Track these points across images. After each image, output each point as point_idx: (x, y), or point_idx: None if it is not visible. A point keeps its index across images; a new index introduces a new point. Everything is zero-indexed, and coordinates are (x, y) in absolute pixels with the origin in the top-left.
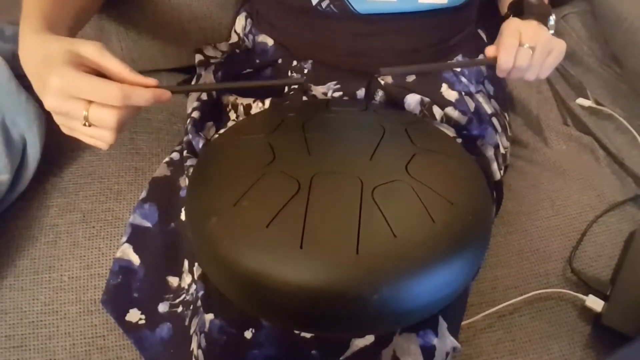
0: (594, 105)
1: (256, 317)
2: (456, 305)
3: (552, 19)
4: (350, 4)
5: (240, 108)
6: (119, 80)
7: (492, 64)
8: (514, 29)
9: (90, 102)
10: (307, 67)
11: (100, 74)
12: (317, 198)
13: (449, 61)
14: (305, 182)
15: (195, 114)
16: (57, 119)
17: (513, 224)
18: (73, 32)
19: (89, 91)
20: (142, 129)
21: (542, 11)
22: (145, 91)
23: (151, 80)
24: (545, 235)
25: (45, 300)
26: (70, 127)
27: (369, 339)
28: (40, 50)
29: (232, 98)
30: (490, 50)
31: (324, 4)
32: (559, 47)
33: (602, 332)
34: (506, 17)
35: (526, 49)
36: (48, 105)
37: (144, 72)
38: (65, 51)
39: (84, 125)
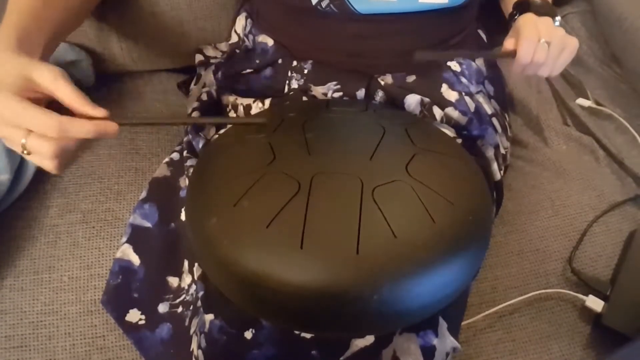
0: (594, 105)
1: (256, 317)
2: (456, 306)
3: (558, 19)
4: (350, 3)
5: (240, 108)
6: (70, 109)
7: (511, 56)
8: (532, 23)
9: (30, 131)
10: (307, 67)
11: (55, 100)
12: (317, 198)
13: (471, 51)
14: (305, 182)
15: (196, 114)
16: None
17: (513, 224)
18: (48, 48)
19: (27, 121)
20: (142, 129)
21: (549, 11)
22: (85, 124)
23: (100, 112)
24: (545, 235)
25: (45, 301)
26: (14, 149)
27: (369, 339)
28: None
29: (232, 98)
30: (509, 43)
31: (324, 4)
32: (573, 44)
33: (602, 332)
34: (511, 16)
35: (543, 44)
36: None
37: (144, 72)
38: (18, 76)
39: (23, 152)
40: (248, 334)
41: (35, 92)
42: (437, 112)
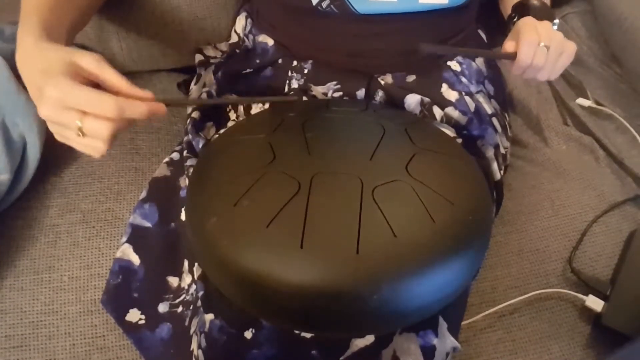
0: (594, 105)
1: (256, 317)
2: (456, 305)
3: (557, 22)
4: (350, 4)
5: (240, 108)
6: (116, 93)
7: (511, 58)
8: (532, 26)
9: (85, 113)
10: (307, 67)
11: (97, 85)
12: (317, 198)
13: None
14: (305, 182)
15: (195, 114)
16: (52, 127)
17: (513, 224)
18: (70, 37)
19: (84, 102)
20: (142, 129)
21: (547, 15)
22: (140, 104)
23: (147, 93)
24: (545, 235)
25: (45, 301)
26: (64, 135)
27: (369, 339)
28: (39, 59)
29: (232, 98)
30: (509, 46)
31: (324, 4)
32: (571, 48)
33: (602, 332)
34: (510, 18)
35: (542, 47)
36: (43, 114)
37: (144, 72)
38: (63, 61)
39: (78, 135)
40: (248, 334)
41: (81, 77)
42: (437, 112)
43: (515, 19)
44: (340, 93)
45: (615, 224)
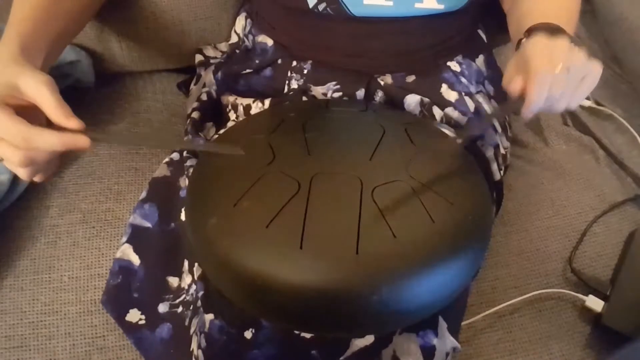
0: (594, 105)
1: (256, 317)
2: (456, 306)
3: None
4: (346, 7)
5: (240, 108)
6: (50, 119)
7: (520, 105)
8: (544, 50)
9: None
10: (307, 67)
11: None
12: (317, 198)
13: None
14: (305, 182)
15: (195, 115)
16: None
17: (513, 224)
18: (51, 55)
19: None
20: (142, 129)
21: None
22: (52, 136)
23: (73, 124)
24: (545, 235)
25: (45, 301)
26: None
27: (369, 339)
28: None
29: (232, 98)
30: (516, 84)
31: (320, 7)
32: (596, 71)
33: (602, 332)
34: (519, 43)
35: (559, 74)
36: None
37: (144, 72)
38: (4, 83)
39: None
40: (248, 334)
41: (21, 100)
42: (437, 112)
43: (524, 41)
44: (340, 93)
45: (615, 224)
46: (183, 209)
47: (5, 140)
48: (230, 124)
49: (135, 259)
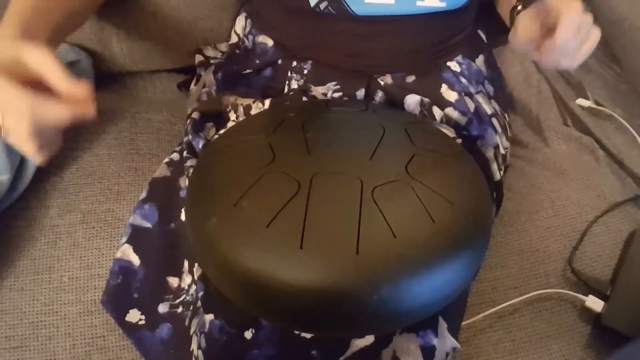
0: (594, 106)
1: (256, 317)
2: (456, 306)
3: None
4: (348, 6)
5: (240, 108)
6: (55, 89)
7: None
8: (570, 2)
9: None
10: (307, 67)
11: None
12: (317, 198)
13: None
14: (305, 182)
15: (195, 115)
16: None
17: (513, 224)
18: (52, 43)
19: (0, 97)
20: (142, 129)
21: None
22: (58, 105)
23: (82, 90)
24: (545, 235)
25: (45, 301)
26: None
27: (369, 339)
28: None
29: (232, 98)
30: (548, 17)
31: (322, 6)
32: (596, 35)
33: (602, 332)
34: (514, 9)
35: (579, 30)
36: None
37: (144, 73)
38: (7, 55)
39: (1, 132)
40: (248, 334)
41: (25, 74)
42: (437, 112)
43: (519, 7)
44: (340, 93)
45: (615, 224)
46: (183, 209)
47: (11, 113)
48: (230, 124)
49: (135, 259)
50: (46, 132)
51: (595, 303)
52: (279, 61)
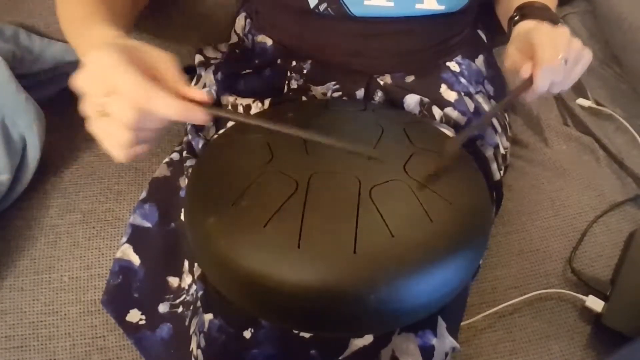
0: (594, 105)
1: (254, 316)
2: (455, 306)
3: (561, 25)
4: (347, 7)
5: (240, 108)
6: (172, 91)
7: (527, 88)
8: (550, 40)
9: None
10: (307, 67)
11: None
12: (314, 198)
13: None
14: (303, 181)
15: None
16: (82, 104)
17: (513, 224)
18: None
19: (116, 77)
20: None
21: (552, 17)
22: (176, 100)
23: (198, 95)
24: (545, 235)
25: (46, 301)
26: (88, 113)
27: (368, 338)
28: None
29: (231, 99)
30: (525, 70)
31: (321, 7)
32: (588, 57)
33: (602, 332)
34: (511, 19)
35: (562, 62)
36: (76, 83)
37: None
38: (128, 46)
39: (100, 113)
40: (247, 334)
41: (139, 66)
42: (437, 112)
43: (517, 18)
44: (340, 93)
45: (615, 224)
46: (183, 209)
47: (121, 96)
48: (230, 124)
49: (136, 259)
50: (149, 126)
51: (595, 303)
52: (279, 61)
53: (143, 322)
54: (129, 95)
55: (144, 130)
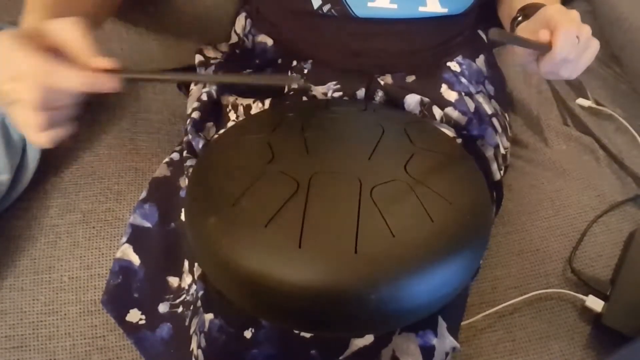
0: (594, 105)
1: (255, 316)
2: (456, 306)
3: None
4: (350, 9)
5: (240, 108)
6: (75, 59)
7: (545, 50)
8: (567, 14)
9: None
10: (307, 67)
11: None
12: (315, 198)
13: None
14: (304, 181)
15: (195, 115)
16: None
17: (513, 224)
18: None
19: (12, 59)
20: (142, 129)
21: None
22: (76, 73)
23: (103, 62)
24: (545, 235)
25: (46, 301)
26: (3, 105)
27: (369, 338)
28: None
29: (232, 98)
30: (543, 34)
31: (325, 8)
32: (595, 45)
33: (602, 332)
34: (514, 19)
35: (576, 39)
36: None
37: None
38: (31, 27)
39: (8, 100)
40: (247, 334)
41: (44, 43)
42: (437, 112)
43: (520, 19)
44: (340, 93)
45: (615, 224)
46: (183, 209)
47: (23, 79)
48: (230, 124)
49: (136, 259)
50: (59, 104)
51: (595, 303)
52: (279, 61)
53: (143, 322)
54: (30, 75)
55: (57, 110)
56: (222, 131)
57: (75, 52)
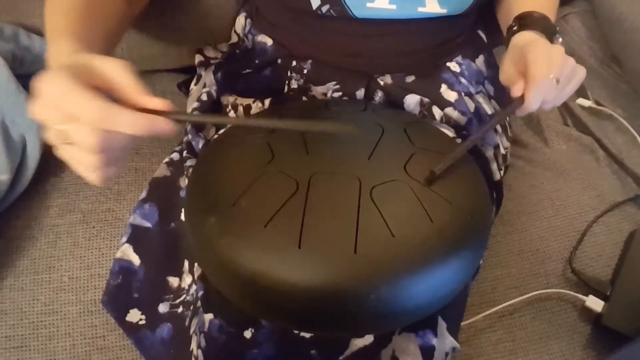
0: (594, 105)
1: (255, 316)
2: (456, 306)
3: (559, 37)
4: (349, 9)
5: (240, 108)
6: (130, 102)
7: (519, 106)
8: (545, 57)
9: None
10: (307, 67)
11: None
12: (315, 198)
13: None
14: (303, 181)
15: (196, 114)
16: (45, 134)
17: (513, 224)
18: (109, 46)
19: (70, 101)
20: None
21: (550, 29)
22: (134, 115)
23: (158, 103)
24: (545, 235)
25: (46, 301)
26: (53, 142)
27: (368, 338)
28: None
29: (232, 99)
30: (517, 89)
31: (324, 9)
32: (580, 74)
33: (602, 332)
34: (510, 28)
35: (553, 81)
36: (33, 111)
37: (144, 72)
38: (78, 63)
39: (63, 143)
40: (247, 334)
41: (91, 82)
42: (437, 112)
43: (515, 28)
44: (340, 93)
45: (615, 224)
46: (183, 209)
47: (81, 121)
48: None
49: (136, 259)
50: (116, 145)
51: (595, 303)
52: (279, 61)
53: (143, 322)
54: (88, 119)
55: (113, 150)
56: (222, 131)
57: (128, 91)
